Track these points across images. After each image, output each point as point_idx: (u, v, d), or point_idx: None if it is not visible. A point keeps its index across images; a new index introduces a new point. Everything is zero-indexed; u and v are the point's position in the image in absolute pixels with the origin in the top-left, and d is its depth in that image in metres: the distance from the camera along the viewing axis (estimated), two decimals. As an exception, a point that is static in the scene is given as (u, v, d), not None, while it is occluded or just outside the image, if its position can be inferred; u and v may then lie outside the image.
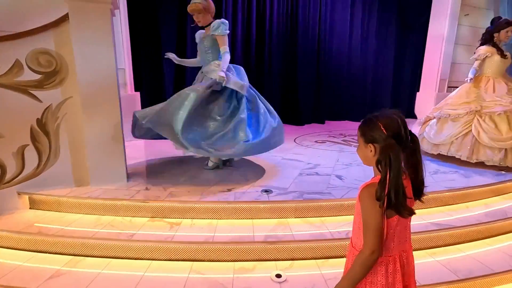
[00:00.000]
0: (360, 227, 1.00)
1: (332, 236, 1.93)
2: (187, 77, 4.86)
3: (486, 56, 3.20)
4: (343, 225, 2.07)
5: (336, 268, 1.82)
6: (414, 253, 1.11)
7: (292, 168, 2.93)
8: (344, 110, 6.57)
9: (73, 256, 1.84)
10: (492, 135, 2.94)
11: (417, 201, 1.04)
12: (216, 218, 2.12)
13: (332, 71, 6.27)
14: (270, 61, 5.58)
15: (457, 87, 7.13)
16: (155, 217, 2.13)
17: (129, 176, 2.53)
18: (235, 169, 2.84)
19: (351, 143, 4.17)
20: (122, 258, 1.83)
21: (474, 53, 3.37)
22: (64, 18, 2.11)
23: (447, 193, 2.39)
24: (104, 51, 2.20)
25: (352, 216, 2.01)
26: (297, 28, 5.63)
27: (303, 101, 5.88)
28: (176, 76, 4.91)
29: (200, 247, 1.84)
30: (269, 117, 2.59)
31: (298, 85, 5.81)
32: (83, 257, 1.84)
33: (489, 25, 7.41)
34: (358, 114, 6.54)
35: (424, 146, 3.48)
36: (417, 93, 7.12)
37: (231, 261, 1.84)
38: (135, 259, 1.83)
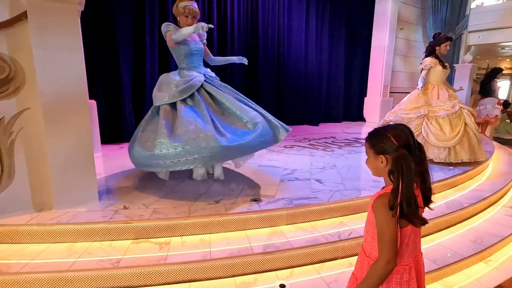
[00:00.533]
0: (373, 237, 1.02)
1: (326, 240, 1.99)
2: (146, 83, 4.58)
3: (431, 66, 3.66)
4: (333, 227, 2.15)
5: (334, 270, 1.90)
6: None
7: (272, 175, 2.95)
8: (302, 115, 6.87)
9: (46, 295, 1.58)
10: (438, 136, 3.35)
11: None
12: (208, 233, 2.02)
13: (291, 80, 6.54)
14: (232, 72, 5.56)
15: (397, 92, 8.05)
16: (139, 239, 1.94)
17: (100, 194, 2.27)
18: (216, 179, 2.75)
19: (317, 147, 4.37)
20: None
21: (421, 63, 3.82)
22: (20, 18, 1.82)
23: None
24: (71, 57, 1.95)
25: (339, 218, 2.09)
26: (257, 41, 5.81)
27: (265, 108, 5.97)
28: (135, 82, 4.59)
29: (198, 266, 1.73)
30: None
31: (260, 93, 5.91)
32: (58, 294, 1.59)
33: (420, 38, 8.43)
34: (315, 118, 6.93)
35: None
36: (365, 98, 7.79)
37: (231, 276, 1.78)
38: (125, 287, 1.65)
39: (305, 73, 6.74)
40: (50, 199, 2.03)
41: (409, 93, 8.51)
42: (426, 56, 3.79)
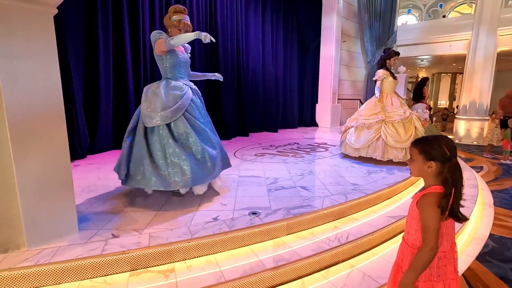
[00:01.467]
0: (417, 230, 1.19)
1: (329, 246, 2.06)
2: (100, 92, 4.16)
3: (384, 77, 4.11)
4: (329, 232, 2.24)
5: (339, 273, 1.98)
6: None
7: (256, 185, 2.94)
8: (262, 122, 7.01)
9: None
10: (395, 138, 3.78)
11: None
12: (213, 253, 1.92)
13: (250, 88, 6.64)
14: (194, 82, 5.40)
15: (344, 99, 8.76)
16: (136, 269, 1.74)
17: (76, 223, 1.97)
18: (200, 194, 2.61)
19: (287, 153, 4.50)
20: (115, 333, 1.43)
21: (375, 75, 4.25)
22: (-22, 19, 1.50)
23: (387, 189, 2.93)
24: (46, 66, 1.67)
25: (333, 223, 2.23)
26: (217, 52, 5.75)
27: (227, 116, 5.95)
28: (87, 92, 4.12)
29: (213, 290, 1.63)
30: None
31: (222, 103, 5.86)
32: None
33: (359, 50, 9.32)
34: (274, 125, 7.14)
35: (347, 150, 4.14)
36: (317, 104, 8.32)
37: (246, 296, 1.72)
38: (135, 328, 1.46)
39: (263, 82, 6.92)
40: (19, 235, 1.69)
41: (353, 100, 9.38)
42: (379, 68, 4.23)
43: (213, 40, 2.27)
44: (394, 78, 4.16)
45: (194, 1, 5.26)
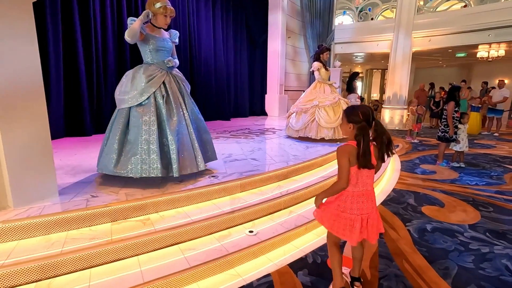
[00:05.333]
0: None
1: (274, 197, 2.64)
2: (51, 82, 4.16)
3: (318, 68, 4.84)
4: (274, 189, 2.83)
5: (282, 218, 2.56)
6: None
7: (214, 159, 3.40)
8: (215, 111, 7.42)
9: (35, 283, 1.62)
10: (326, 120, 4.54)
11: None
12: (180, 206, 2.35)
13: (202, 80, 7.00)
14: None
15: (290, 90, 9.55)
16: (117, 220, 2.10)
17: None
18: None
19: (239, 136, 5.02)
20: (106, 263, 1.79)
21: (312, 67, 4.96)
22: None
23: (321, 158, 3.63)
24: (26, 47, 1.90)
25: (277, 183, 2.88)
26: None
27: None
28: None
29: (184, 230, 2.07)
30: None
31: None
32: (51, 279, 1.65)
33: (303, 46, 10.14)
34: (226, 114, 7.61)
35: (290, 132, 4.83)
36: (266, 95, 8.98)
37: (211, 233, 2.20)
38: (123, 259, 1.84)
39: (215, 73, 7.31)
40: (5, 196, 1.91)
41: (298, 91, 10.23)
42: (314, 61, 4.96)
43: (150, 16, 2.50)
44: (326, 69, 4.94)
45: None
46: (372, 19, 10.64)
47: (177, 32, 2.85)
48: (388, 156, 1.68)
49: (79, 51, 4.52)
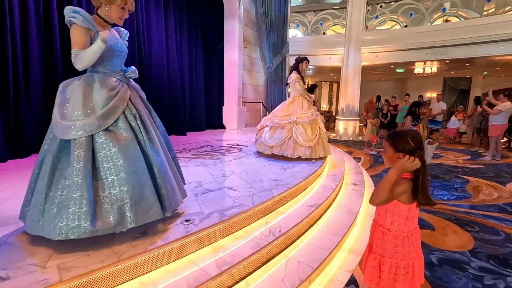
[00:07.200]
0: (387, 210, 1.38)
1: (266, 241, 2.11)
2: None
3: (298, 81, 4.47)
4: (263, 227, 2.30)
5: (277, 265, 2.05)
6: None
7: (180, 191, 2.73)
8: (169, 126, 6.59)
9: None
10: (304, 138, 4.18)
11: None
12: (147, 272, 1.66)
13: (154, 93, 6.16)
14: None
15: (247, 102, 9.17)
16: (44, 315, 1.33)
17: None
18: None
19: (203, 156, 4.37)
20: None
21: (288, 78, 4.53)
22: None
23: (303, 182, 3.22)
24: None
25: (263, 219, 2.42)
26: None
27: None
28: None
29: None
30: None
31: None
32: None
33: (259, 57, 9.92)
34: (182, 128, 6.86)
35: (262, 147, 4.37)
36: (223, 107, 8.44)
37: (192, 311, 1.56)
38: None
39: (168, 82, 6.54)
40: None
41: (256, 102, 9.92)
42: (292, 71, 4.56)
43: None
44: (304, 82, 4.61)
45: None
46: (324, 33, 10.96)
47: (126, 31, 2.20)
48: (422, 204, 1.35)
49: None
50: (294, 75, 4.49)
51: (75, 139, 1.65)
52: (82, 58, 1.74)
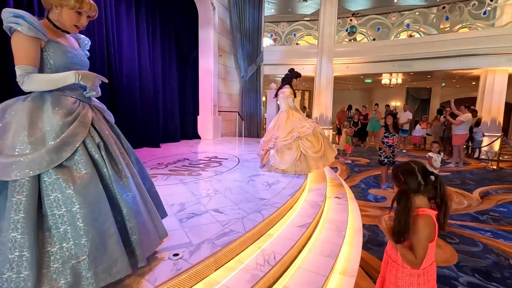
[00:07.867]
0: (403, 245, 1.31)
1: (262, 272, 1.97)
2: None
3: (291, 97, 4.37)
4: (256, 252, 2.16)
5: (276, 299, 1.92)
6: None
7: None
8: (141, 137, 6.24)
9: None
10: (312, 150, 4.05)
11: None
12: (133, 324, 1.44)
13: (126, 104, 5.80)
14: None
15: (223, 111, 8.99)
16: None
17: None
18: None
19: (181, 172, 4.13)
20: None
21: (282, 93, 4.39)
22: None
23: (290, 200, 3.13)
24: None
25: (255, 244, 2.31)
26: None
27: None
28: None
29: None
30: None
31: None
32: None
33: (233, 65, 9.85)
34: (155, 140, 6.51)
35: (273, 169, 4.21)
36: (198, 117, 8.19)
37: None
38: None
39: (140, 93, 6.19)
40: None
41: (231, 112, 9.77)
42: (285, 85, 4.41)
43: (105, 80, 1.65)
44: (295, 96, 4.53)
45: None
46: (297, 43, 11.16)
47: (88, 38, 1.90)
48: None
49: None
50: (288, 90, 4.36)
51: (15, 181, 1.27)
52: (36, 81, 1.42)
